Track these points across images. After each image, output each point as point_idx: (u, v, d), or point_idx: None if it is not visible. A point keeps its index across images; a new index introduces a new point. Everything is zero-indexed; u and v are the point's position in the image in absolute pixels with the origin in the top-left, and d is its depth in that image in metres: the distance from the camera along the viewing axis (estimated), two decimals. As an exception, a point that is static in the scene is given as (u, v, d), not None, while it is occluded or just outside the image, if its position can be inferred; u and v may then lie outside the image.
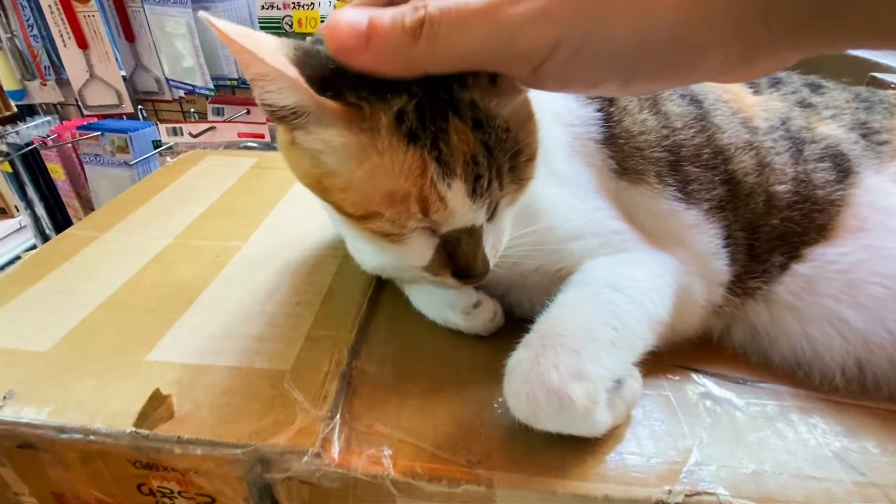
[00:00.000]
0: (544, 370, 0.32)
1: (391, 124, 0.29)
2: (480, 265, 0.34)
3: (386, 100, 0.29)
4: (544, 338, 0.34)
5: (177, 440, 0.35)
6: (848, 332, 0.41)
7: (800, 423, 0.37)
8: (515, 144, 0.31)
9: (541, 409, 0.32)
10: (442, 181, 0.29)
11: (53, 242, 0.59)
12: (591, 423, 0.33)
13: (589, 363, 0.33)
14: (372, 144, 0.29)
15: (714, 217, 0.43)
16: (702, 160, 0.43)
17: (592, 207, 0.42)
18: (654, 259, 0.42)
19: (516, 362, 0.34)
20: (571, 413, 0.32)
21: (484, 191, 0.31)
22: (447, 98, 0.29)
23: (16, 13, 1.14)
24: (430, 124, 0.29)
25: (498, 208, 0.34)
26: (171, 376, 0.39)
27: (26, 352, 0.42)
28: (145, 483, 0.38)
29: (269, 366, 0.40)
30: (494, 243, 0.35)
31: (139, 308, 0.48)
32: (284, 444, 0.34)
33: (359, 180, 0.31)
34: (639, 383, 0.37)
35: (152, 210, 0.66)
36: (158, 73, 1.28)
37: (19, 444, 0.37)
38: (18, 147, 1.38)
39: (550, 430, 0.33)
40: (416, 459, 0.34)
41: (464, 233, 0.33)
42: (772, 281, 0.43)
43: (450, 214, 0.31)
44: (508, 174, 0.32)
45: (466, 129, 0.29)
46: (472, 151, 0.29)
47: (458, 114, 0.29)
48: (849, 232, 0.43)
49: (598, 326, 0.35)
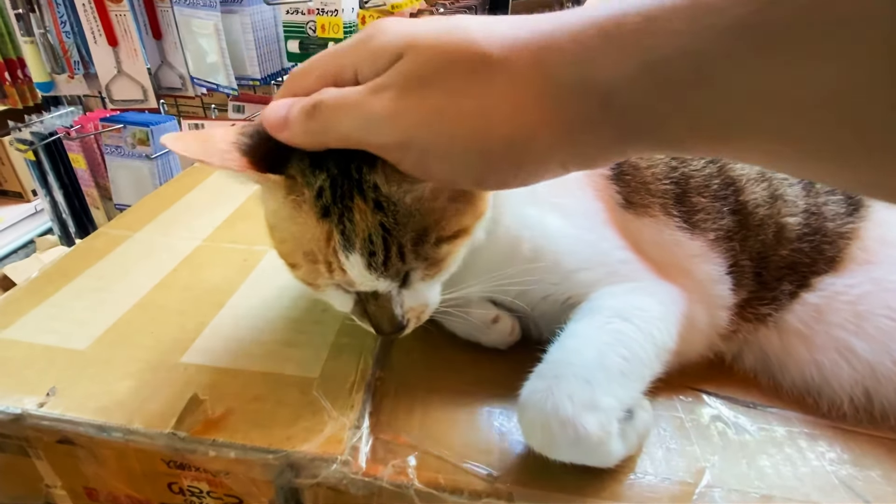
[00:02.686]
0: (558, 401, 0.33)
1: (312, 199, 0.34)
2: (387, 324, 0.38)
3: (314, 174, 0.34)
4: (557, 368, 0.36)
5: (212, 443, 0.36)
6: (856, 362, 0.42)
7: (808, 450, 0.38)
8: (420, 227, 0.35)
9: (555, 440, 0.33)
10: (343, 252, 0.34)
11: (88, 240, 0.61)
12: (605, 453, 0.34)
13: (601, 393, 0.34)
14: (298, 212, 0.35)
15: (720, 246, 0.44)
16: (710, 190, 0.44)
17: (599, 238, 0.43)
18: (660, 288, 0.42)
19: (530, 392, 0.35)
20: (586, 444, 0.32)
21: (379, 265, 0.34)
22: (357, 178, 0.33)
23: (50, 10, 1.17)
24: (339, 202, 0.33)
25: (410, 279, 0.37)
26: (204, 379, 0.41)
27: (65, 349, 0.44)
28: (176, 482, 0.40)
29: (298, 373, 0.42)
30: (413, 306, 0.38)
31: (172, 310, 0.49)
32: (314, 451, 0.36)
33: (288, 236, 0.37)
34: (649, 414, 0.38)
35: (181, 210, 0.68)
36: (183, 70, 1.30)
37: (59, 439, 0.39)
38: (42, 136, 1.40)
39: (565, 461, 0.34)
40: (439, 471, 0.35)
41: (370, 295, 0.37)
42: (782, 308, 0.44)
43: (350, 280, 0.36)
44: (412, 252, 0.35)
45: (367, 209, 0.33)
46: (370, 230, 0.34)
47: (363, 195, 0.33)
48: (857, 264, 0.44)
49: (608, 356, 0.36)
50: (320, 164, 0.34)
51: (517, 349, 0.46)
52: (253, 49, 1.22)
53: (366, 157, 0.33)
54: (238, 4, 1.15)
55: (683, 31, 0.22)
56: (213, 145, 0.33)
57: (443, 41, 0.27)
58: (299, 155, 0.34)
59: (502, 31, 0.27)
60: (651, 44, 0.23)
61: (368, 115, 0.28)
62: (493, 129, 0.26)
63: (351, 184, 0.33)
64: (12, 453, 0.41)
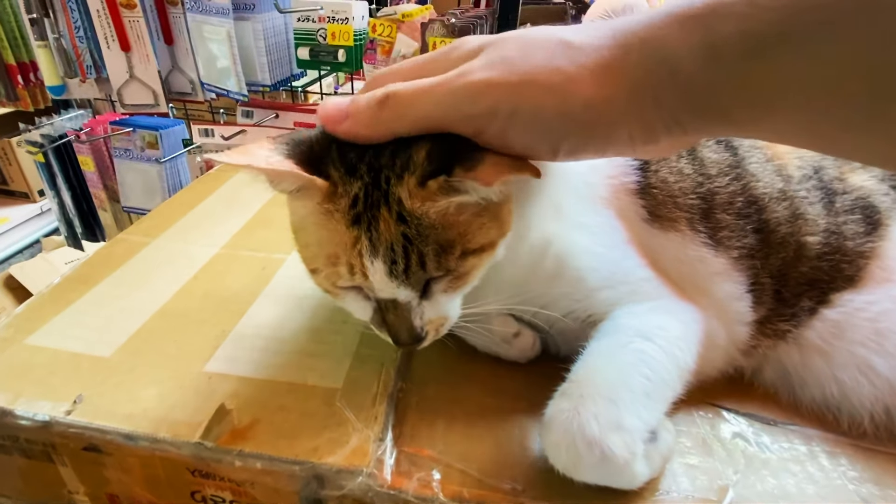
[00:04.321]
0: (584, 421, 0.33)
1: (347, 207, 0.35)
2: (405, 335, 0.38)
3: (351, 182, 0.35)
4: (582, 387, 0.36)
5: (238, 453, 0.36)
6: (876, 379, 0.42)
7: (830, 468, 0.39)
8: (444, 239, 0.35)
9: (581, 461, 0.33)
10: (367, 257, 0.35)
11: (108, 246, 0.62)
12: (630, 475, 0.34)
13: (627, 414, 0.34)
14: (329, 218, 0.36)
15: (743, 264, 0.44)
16: (735, 208, 0.44)
17: (622, 256, 0.43)
18: (680, 307, 0.43)
19: (556, 412, 0.35)
20: (612, 465, 0.32)
21: (400, 273, 0.35)
22: (385, 189, 0.34)
23: (65, 15, 1.18)
24: (369, 211, 0.35)
25: (431, 290, 0.38)
26: (228, 388, 0.42)
27: (90, 356, 0.45)
28: (199, 490, 0.40)
29: (322, 383, 0.42)
30: (433, 318, 0.39)
31: (193, 318, 0.50)
32: (340, 463, 0.36)
33: (314, 241, 0.38)
34: (672, 436, 0.38)
35: (198, 217, 0.69)
36: (193, 75, 1.31)
37: (85, 446, 0.39)
38: (52, 139, 1.41)
39: (590, 482, 0.34)
40: (463, 485, 0.36)
41: (390, 303, 0.38)
42: (801, 324, 0.45)
43: (371, 285, 0.36)
44: (434, 263, 0.35)
45: (391, 220, 0.34)
46: (392, 240, 0.35)
47: (388, 206, 0.35)
48: (876, 282, 0.44)
49: (632, 376, 0.37)
50: (354, 172, 0.35)
51: (537, 362, 0.46)
52: (264, 55, 1.23)
53: (394, 167, 0.34)
54: (250, 11, 1.15)
55: (743, 12, 0.25)
56: (255, 153, 0.35)
57: (526, 34, 0.32)
58: (333, 162, 0.35)
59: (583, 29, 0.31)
60: (712, 24, 0.26)
61: (451, 91, 0.31)
62: (575, 94, 0.29)
63: (380, 193, 0.34)
64: (37, 459, 0.41)
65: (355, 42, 1.23)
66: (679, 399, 0.40)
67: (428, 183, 0.34)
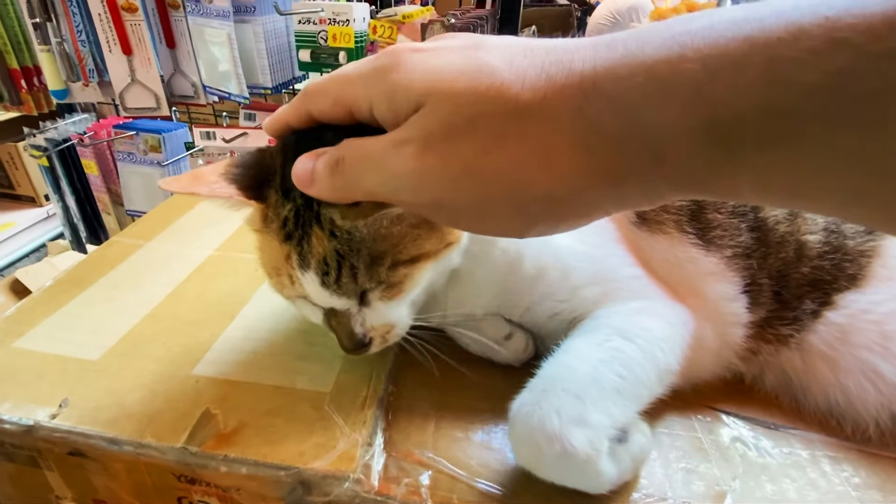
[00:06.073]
0: (545, 415, 0.32)
1: (278, 227, 0.37)
2: (347, 340, 0.39)
3: (283, 205, 0.37)
4: (548, 382, 0.35)
5: (223, 458, 0.36)
6: (882, 385, 0.41)
7: (832, 474, 0.37)
8: (376, 251, 0.36)
9: (542, 456, 0.32)
10: (300, 270, 0.37)
11: (101, 249, 0.61)
12: (594, 473, 0.32)
13: (592, 410, 0.33)
14: (268, 233, 0.39)
15: (737, 264, 0.43)
16: (728, 206, 0.43)
17: (609, 254, 0.42)
18: (668, 308, 0.41)
19: (519, 406, 0.34)
20: (573, 461, 0.31)
21: (332, 284, 0.37)
22: (316, 210, 0.35)
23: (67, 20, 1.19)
24: (300, 229, 0.36)
25: (368, 298, 0.38)
26: (216, 392, 0.41)
27: (78, 360, 0.44)
28: (186, 496, 0.39)
29: (310, 387, 0.42)
30: (376, 325, 0.39)
31: (183, 320, 0.49)
32: (326, 469, 0.35)
33: (262, 252, 0.41)
34: (647, 438, 0.36)
35: (192, 220, 0.68)
36: (195, 78, 1.31)
37: (70, 451, 0.39)
38: (56, 143, 1.42)
39: (554, 480, 0.33)
40: (452, 490, 0.35)
41: (330, 312, 0.39)
42: (804, 329, 0.43)
43: (307, 294, 0.38)
44: (366, 274, 0.36)
45: (324, 237, 0.36)
46: (325, 254, 0.36)
47: (320, 225, 0.36)
48: (880, 281, 0.43)
49: (603, 374, 0.35)
50: (288, 195, 0.36)
51: (531, 366, 0.45)
52: (265, 58, 1.23)
53: None
54: (251, 14, 1.16)
55: (759, 87, 0.19)
56: (203, 179, 0.37)
57: (468, 88, 0.24)
58: (275, 186, 0.37)
59: (534, 71, 0.24)
60: (716, 97, 0.20)
61: (392, 173, 0.27)
62: (529, 186, 0.24)
63: (311, 214, 0.36)
64: (23, 464, 0.41)
65: (356, 44, 1.23)
66: (675, 401, 0.39)
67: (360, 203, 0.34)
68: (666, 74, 0.21)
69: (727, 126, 0.20)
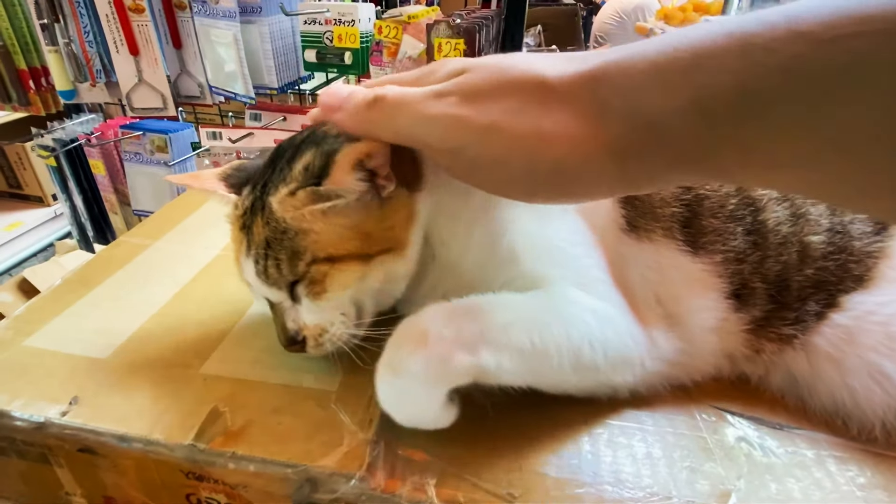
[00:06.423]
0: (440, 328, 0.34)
1: (240, 216, 0.42)
2: (281, 334, 0.41)
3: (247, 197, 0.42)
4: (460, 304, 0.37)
5: (231, 456, 0.36)
6: (889, 386, 0.41)
7: (837, 474, 0.37)
8: (297, 245, 0.38)
9: (403, 356, 0.35)
10: (244, 256, 0.41)
11: (109, 248, 0.62)
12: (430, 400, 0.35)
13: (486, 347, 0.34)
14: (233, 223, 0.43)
15: (727, 268, 0.42)
16: (725, 211, 0.43)
17: (583, 254, 0.41)
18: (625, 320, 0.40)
19: None
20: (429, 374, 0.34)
21: (261, 273, 0.40)
22: (263, 199, 0.39)
23: (74, 21, 1.20)
24: (251, 216, 0.40)
25: (297, 294, 0.40)
26: (223, 390, 0.41)
27: (87, 358, 0.45)
28: (194, 493, 0.40)
29: (316, 385, 0.42)
30: (308, 325, 0.41)
31: (191, 319, 0.50)
32: (333, 467, 0.35)
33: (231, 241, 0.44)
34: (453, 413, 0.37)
35: (199, 220, 0.69)
36: (202, 78, 1.32)
37: (80, 448, 0.39)
38: (64, 143, 1.43)
39: (393, 414, 0.36)
40: (458, 489, 0.35)
41: (270, 304, 0.43)
42: (808, 330, 0.43)
43: (250, 283, 0.42)
44: (287, 266, 0.39)
45: (261, 224, 0.39)
46: (259, 242, 0.39)
47: (263, 214, 0.39)
48: (886, 282, 0.43)
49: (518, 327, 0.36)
50: (255, 187, 0.41)
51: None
52: (271, 58, 1.24)
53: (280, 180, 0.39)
54: (257, 15, 1.16)
55: (735, 68, 0.23)
56: (200, 176, 0.44)
57: (505, 65, 0.30)
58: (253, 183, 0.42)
59: (561, 64, 0.29)
60: (702, 80, 0.24)
61: (427, 116, 0.30)
62: (543, 152, 0.28)
63: (261, 203, 0.39)
64: (33, 461, 0.41)
65: (362, 44, 1.23)
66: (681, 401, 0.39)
67: (297, 192, 0.38)
68: (662, 63, 0.25)
69: (710, 104, 0.24)
